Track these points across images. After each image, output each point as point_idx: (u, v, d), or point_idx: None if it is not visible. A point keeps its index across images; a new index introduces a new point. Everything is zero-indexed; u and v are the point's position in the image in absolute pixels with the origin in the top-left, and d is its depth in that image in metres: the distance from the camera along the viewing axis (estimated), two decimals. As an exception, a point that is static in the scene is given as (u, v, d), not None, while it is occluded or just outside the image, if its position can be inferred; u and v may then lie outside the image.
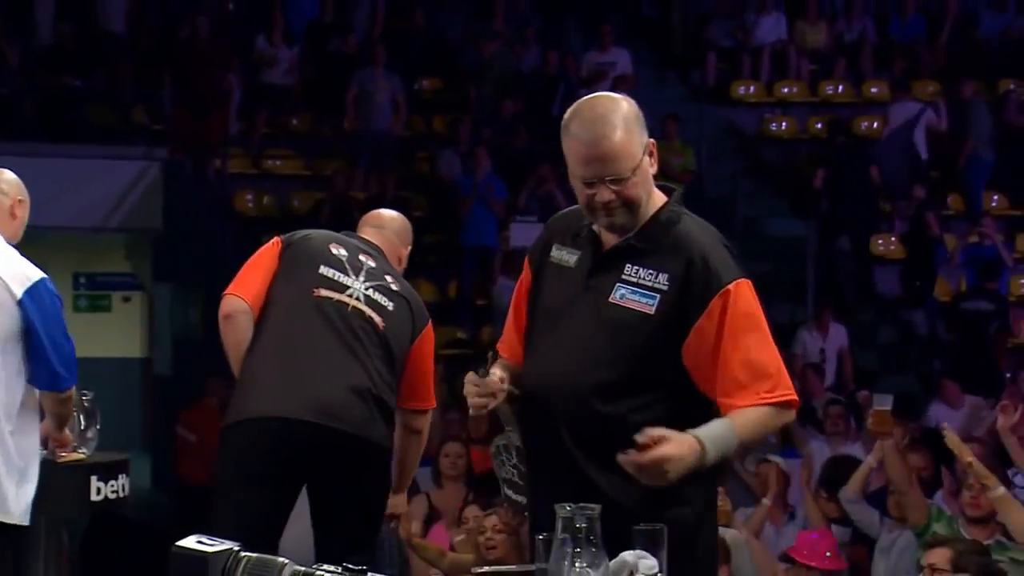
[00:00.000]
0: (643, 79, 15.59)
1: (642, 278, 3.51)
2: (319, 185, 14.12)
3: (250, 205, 14.06)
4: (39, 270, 4.98)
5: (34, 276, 4.94)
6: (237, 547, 2.43)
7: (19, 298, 4.89)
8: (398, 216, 5.43)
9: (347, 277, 5.08)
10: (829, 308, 12.67)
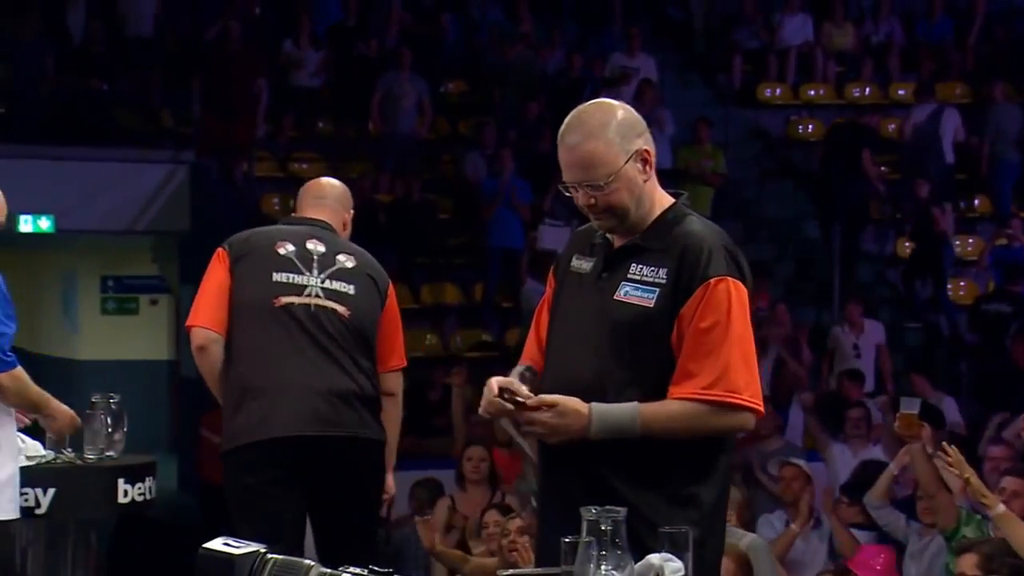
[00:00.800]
0: (668, 82, 15.57)
1: (644, 275, 3.60)
2: (345, 188, 14.10)
3: (277, 208, 14.05)
4: None
5: None
6: (264, 549, 2.45)
7: None
8: (337, 183, 5.39)
9: (301, 276, 5.05)
10: (860, 304, 12.52)
